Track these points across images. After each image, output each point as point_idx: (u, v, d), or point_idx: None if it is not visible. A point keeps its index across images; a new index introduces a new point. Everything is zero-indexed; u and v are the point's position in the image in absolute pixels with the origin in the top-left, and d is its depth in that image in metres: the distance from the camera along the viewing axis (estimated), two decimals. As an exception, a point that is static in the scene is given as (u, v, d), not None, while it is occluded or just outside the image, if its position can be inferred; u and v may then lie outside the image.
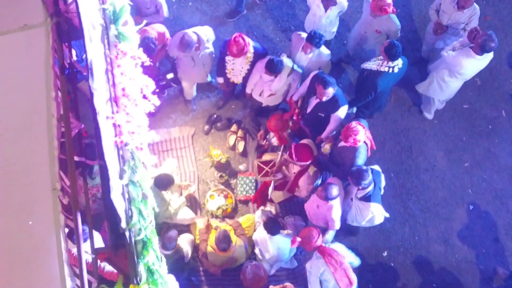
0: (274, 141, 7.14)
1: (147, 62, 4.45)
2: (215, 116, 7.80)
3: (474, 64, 6.49)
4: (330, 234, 6.56)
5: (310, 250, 5.93)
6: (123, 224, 3.87)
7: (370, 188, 5.93)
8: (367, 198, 5.97)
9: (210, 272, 6.72)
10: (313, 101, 6.40)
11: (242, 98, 7.64)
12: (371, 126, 7.74)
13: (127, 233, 3.91)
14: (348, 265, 5.89)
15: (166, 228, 7.04)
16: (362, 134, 5.90)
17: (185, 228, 7.02)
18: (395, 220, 7.44)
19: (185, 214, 6.97)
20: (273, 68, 6.26)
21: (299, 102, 6.77)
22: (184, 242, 6.60)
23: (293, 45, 6.83)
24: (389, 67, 6.35)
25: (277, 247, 6.44)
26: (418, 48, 8.11)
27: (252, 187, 7.41)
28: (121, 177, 3.94)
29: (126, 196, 3.98)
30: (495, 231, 7.47)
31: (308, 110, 6.54)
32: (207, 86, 7.74)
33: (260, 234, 6.52)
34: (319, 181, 6.62)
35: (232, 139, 7.63)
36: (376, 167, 6.25)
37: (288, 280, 6.82)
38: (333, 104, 6.27)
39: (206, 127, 7.75)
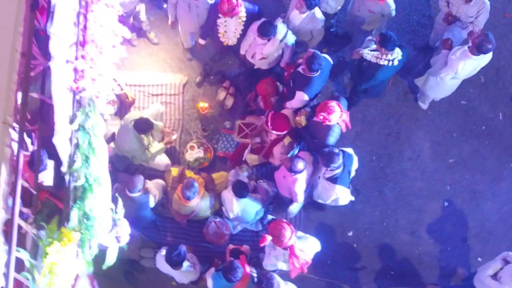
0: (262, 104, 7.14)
1: (120, 12, 4.47)
2: (210, 69, 7.78)
3: (470, 64, 6.31)
4: (295, 206, 6.65)
5: (281, 247, 5.78)
6: (64, 168, 3.98)
7: (338, 170, 5.93)
8: (333, 180, 5.97)
9: (176, 221, 6.88)
10: (300, 67, 6.35)
11: (239, 55, 7.58)
12: (364, 104, 7.72)
13: (67, 177, 4.02)
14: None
15: (140, 171, 7.23)
16: (335, 116, 5.86)
17: (160, 173, 7.15)
18: (367, 203, 7.49)
19: (161, 160, 7.08)
20: (265, 32, 6.20)
21: None
22: (154, 186, 6.69)
23: (291, 2, 6.73)
24: (389, 61, 6.23)
25: (242, 208, 6.50)
26: (429, 35, 7.87)
27: (233, 146, 7.47)
28: (71, 122, 4.01)
29: (74, 141, 4.06)
30: (465, 231, 7.46)
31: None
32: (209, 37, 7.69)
33: (228, 193, 6.59)
34: (295, 151, 6.64)
35: (222, 95, 7.62)
36: (350, 150, 6.20)
37: (250, 242, 6.99)
38: (302, 83, 6.25)
39: (199, 78, 7.75)
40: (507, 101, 7.84)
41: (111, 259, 5.09)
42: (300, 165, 5.87)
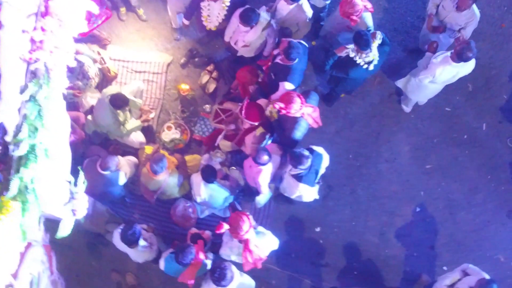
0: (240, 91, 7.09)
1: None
2: (195, 51, 7.72)
3: (449, 71, 6.21)
4: (261, 197, 6.65)
5: (237, 239, 5.79)
6: (8, 138, 3.98)
7: (304, 170, 5.90)
8: (298, 178, 5.94)
9: (145, 199, 6.88)
10: (277, 58, 6.29)
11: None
12: (347, 102, 7.66)
13: (11, 147, 4.03)
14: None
15: (114, 146, 7.23)
16: (294, 108, 5.83)
17: (134, 150, 7.15)
18: (339, 200, 7.43)
19: (136, 137, 7.06)
20: (246, 19, 6.14)
21: None
22: (127, 163, 6.68)
23: None
24: (365, 63, 6.14)
25: (209, 194, 6.49)
26: (422, 38, 7.77)
27: (210, 130, 7.45)
28: (21, 92, 4.00)
29: (24, 111, 4.06)
30: (434, 239, 7.38)
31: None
32: (195, 19, 7.64)
33: (197, 176, 6.58)
34: (268, 142, 6.59)
35: (205, 78, 7.58)
36: (320, 150, 6.12)
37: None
38: (284, 73, 6.17)
39: (184, 59, 7.70)
40: (492, 111, 7.69)
41: (65, 230, 5.12)
42: (264, 157, 5.85)
